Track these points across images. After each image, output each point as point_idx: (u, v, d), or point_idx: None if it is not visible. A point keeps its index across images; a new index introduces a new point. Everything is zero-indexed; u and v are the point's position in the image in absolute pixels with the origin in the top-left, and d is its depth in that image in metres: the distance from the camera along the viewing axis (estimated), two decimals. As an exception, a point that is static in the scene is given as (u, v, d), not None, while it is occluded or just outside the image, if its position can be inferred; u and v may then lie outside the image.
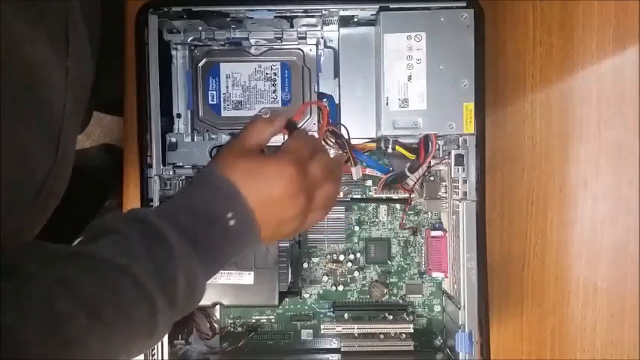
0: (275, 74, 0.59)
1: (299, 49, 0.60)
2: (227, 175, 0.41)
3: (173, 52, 0.61)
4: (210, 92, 0.60)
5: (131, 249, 0.36)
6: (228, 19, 0.57)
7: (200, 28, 0.58)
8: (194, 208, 0.40)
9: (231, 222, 0.40)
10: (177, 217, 0.39)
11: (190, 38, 0.59)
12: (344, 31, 0.60)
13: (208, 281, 0.40)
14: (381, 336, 0.62)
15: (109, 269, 0.35)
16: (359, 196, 0.64)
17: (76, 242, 0.36)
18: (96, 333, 0.32)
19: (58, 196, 0.41)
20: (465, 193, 0.55)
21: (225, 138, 0.61)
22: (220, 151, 0.45)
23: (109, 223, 0.38)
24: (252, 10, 0.55)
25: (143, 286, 0.35)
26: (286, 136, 0.48)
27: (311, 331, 0.64)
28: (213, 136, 0.60)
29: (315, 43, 0.60)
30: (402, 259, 0.64)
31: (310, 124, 0.60)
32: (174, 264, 0.37)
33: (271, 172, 0.42)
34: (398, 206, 0.64)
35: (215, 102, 0.60)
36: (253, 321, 0.64)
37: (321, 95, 0.60)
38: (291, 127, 0.49)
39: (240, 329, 0.64)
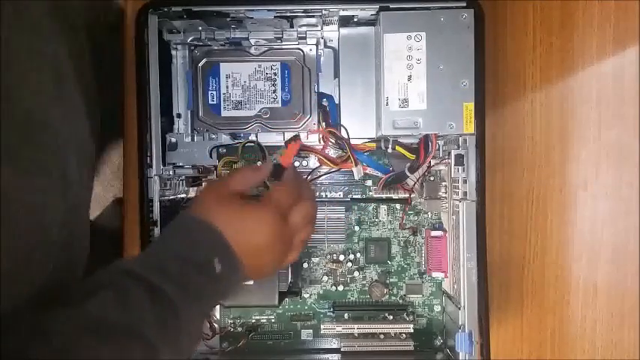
0: (275, 74, 0.59)
1: (299, 49, 0.60)
2: (210, 220, 0.42)
3: (173, 52, 0.61)
4: (210, 92, 0.60)
5: (130, 304, 0.36)
6: (228, 19, 0.57)
7: (200, 28, 0.58)
8: (180, 256, 0.40)
9: (218, 267, 0.41)
10: (165, 267, 0.39)
11: (190, 38, 0.59)
12: (344, 31, 0.60)
13: None
14: (381, 336, 0.62)
15: (116, 332, 0.34)
16: (359, 196, 0.64)
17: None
18: None
19: (76, 248, 0.42)
20: (465, 193, 0.55)
21: (225, 138, 0.61)
22: (201, 194, 0.46)
23: (100, 277, 0.38)
24: (252, 10, 0.55)
25: (152, 346, 0.35)
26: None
27: (311, 331, 0.64)
28: (213, 136, 0.61)
29: (315, 43, 0.60)
30: (402, 259, 0.64)
31: (310, 124, 0.60)
32: (176, 316, 0.38)
33: (254, 220, 0.43)
34: (398, 206, 0.64)
35: (215, 102, 0.60)
36: (253, 321, 0.64)
37: (321, 95, 0.60)
38: (277, 173, 0.50)
39: (240, 329, 0.64)
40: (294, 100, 0.60)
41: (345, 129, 0.59)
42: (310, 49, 0.60)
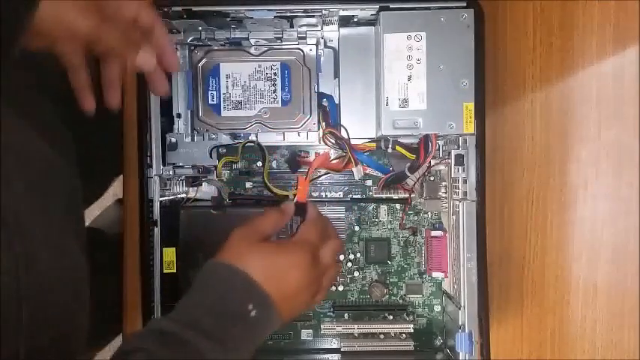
0: (275, 74, 0.59)
1: (299, 49, 0.60)
2: (243, 266, 0.42)
3: (173, 52, 0.61)
4: (210, 92, 0.60)
5: None
6: (228, 19, 0.57)
7: (200, 28, 0.58)
8: (214, 309, 0.40)
9: (253, 313, 0.41)
10: (199, 322, 0.39)
11: (190, 38, 0.59)
12: (344, 31, 0.60)
13: None
14: (381, 336, 0.62)
15: None
16: (359, 196, 0.64)
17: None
18: None
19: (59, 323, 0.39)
20: (465, 193, 0.55)
21: (225, 138, 0.61)
22: (230, 240, 0.45)
23: (133, 342, 0.38)
24: (252, 10, 0.54)
25: None
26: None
27: (311, 331, 0.64)
28: (213, 136, 0.61)
29: (315, 43, 0.60)
30: (402, 259, 0.64)
31: (310, 124, 0.60)
32: None
33: (287, 262, 0.44)
34: (398, 206, 0.64)
35: (215, 102, 0.60)
36: (253, 321, 0.64)
37: (321, 95, 0.60)
38: (299, 210, 0.51)
39: (240, 329, 0.64)
40: (294, 100, 0.60)
41: (345, 129, 0.59)
42: (310, 49, 0.60)
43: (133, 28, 0.45)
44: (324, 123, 0.60)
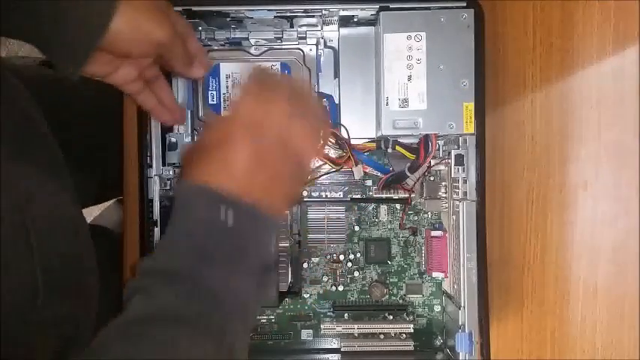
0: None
1: (299, 49, 0.60)
2: (193, 181, 0.39)
3: (173, 52, 0.61)
4: (210, 92, 0.60)
5: (154, 298, 0.36)
6: (228, 19, 0.57)
7: (200, 28, 0.58)
8: (188, 235, 0.38)
9: (230, 222, 0.37)
10: (175, 250, 0.38)
11: (190, 38, 0.59)
12: (344, 31, 0.60)
13: None
14: (381, 336, 0.62)
15: (165, 324, 0.34)
16: (359, 196, 0.64)
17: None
18: None
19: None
20: (465, 193, 0.55)
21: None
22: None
23: (131, 284, 0.38)
24: (252, 10, 0.55)
25: (195, 327, 0.35)
26: None
27: (311, 331, 0.64)
28: (213, 136, 0.60)
29: (315, 43, 0.60)
30: (402, 259, 0.64)
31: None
32: (205, 290, 0.36)
33: (224, 154, 0.40)
34: (398, 206, 0.64)
35: (215, 102, 0.60)
36: (253, 321, 0.64)
37: (321, 95, 0.60)
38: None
39: (240, 329, 0.64)
40: (294, 100, 0.59)
41: (346, 129, 0.59)
42: (310, 49, 0.60)
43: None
44: (324, 123, 0.60)
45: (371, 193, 0.64)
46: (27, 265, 0.38)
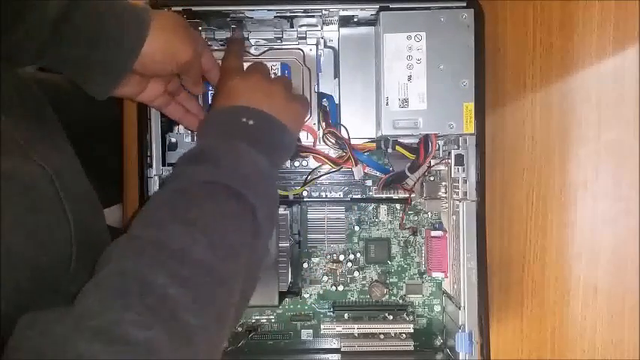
0: (275, 74, 0.59)
1: (299, 49, 0.60)
2: (225, 104, 0.49)
3: (173, 52, 0.61)
4: (210, 92, 0.60)
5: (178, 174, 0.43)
6: (228, 19, 0.57)
7: (200, 28, 0.58)
8: (219, 136, 0.47)
9: (250, 122, 0.47)
10: (205, 144, 0.47)
11: (190, 38, 0.59)
12: (344, 31, 0.60)
13: None
14: (381, 336, 0.62)
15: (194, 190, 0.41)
16: (359, 196, 0.64)
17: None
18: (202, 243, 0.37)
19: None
20: (465, 193, 0.55)
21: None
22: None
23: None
24: (252, 10, 0.55)
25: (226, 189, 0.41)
26: None
27: (311, 331, 0.64)
28: (213, 136, 0.60)
29: (315, 43, 0.60)
30: (402, 259, 0.64)
31: (310, 124, 0.60)
32: (230, 148, 0.44)
33: (249, 80, 0.51)
34: (398, 206, 0.64)
35: (215, 102, 0.60)
36: (253, 321, 0.64)
37: (321, 95, 0.60)
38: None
39: (240, 329, 0.64)
40: (294, 100, 0.59)
41: (346, 128, 0.59)
42: (310, 49, 0.60)
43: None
44: (324, 123, 0.60)
45: (371, 193, 0.64)
46: (66, 234, 0.40)
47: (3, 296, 0.34)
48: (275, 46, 0.60)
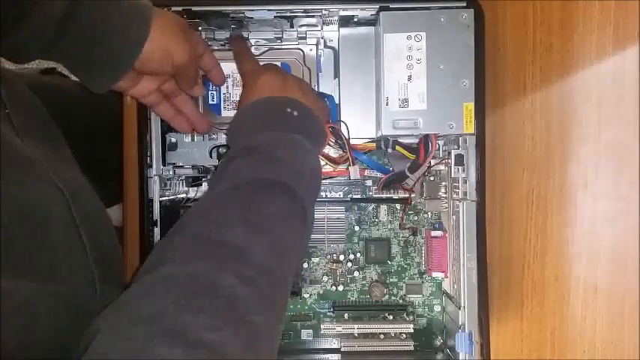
0: None
1: (299, 49, 0.60)
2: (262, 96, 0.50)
3: (173, 52, 0.61)
4: (210, 92, 0.60)
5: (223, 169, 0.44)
6: (228, 19, 0.57)
7: (200, 28, 0.58)
8: (266, 125, 0.48)
9: (295, 113, 0.48)
10: (249, 131, 0.48)
11: (190, 38, 0.59)
12: (344, 31, 0.60)
13: None
14: (381, 336, 0.62)
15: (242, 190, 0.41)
16: (359, 196, 0.64)
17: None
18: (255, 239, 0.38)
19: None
20: (465, 193, 0.55)
21: (225, 138, 0.61)
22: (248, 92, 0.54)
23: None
24: (252, 10, 0.55)
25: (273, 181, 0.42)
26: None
27: (311, 331, 0.64)
28: (213, 136, 0.60)
29: (315, 43, 0.60)
30: (402, 259, 0.64)
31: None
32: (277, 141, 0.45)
33: (280, 78, 0.53)
34: (398, 206, 0.64)
35: (215, 102, 0.60)
36: (253, 321, 0.64)
37: (321, 95, 0.60)
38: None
39: (240, 329, 0.64)
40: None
41: (346, 124, 0.59)
42: (310, 49, 0.60)
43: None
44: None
45: (371, 193, 0.64)
46: (84, 259, 0.41)
47: (38, 335, 0.35)
48: (275, 46, 0.60)
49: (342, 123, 0.59)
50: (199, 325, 0.31)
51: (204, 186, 0.61)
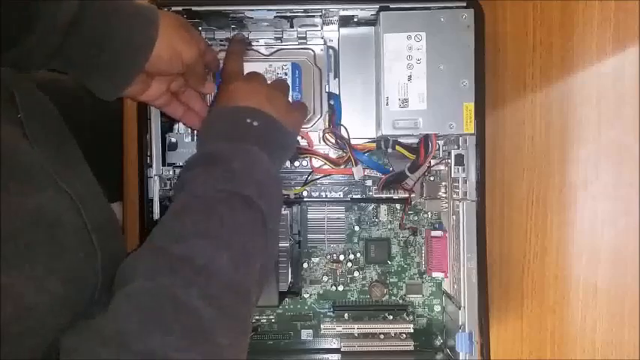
0: (286, 74, 0.59)
1: (310, 48, 0.60)
2: (228, 104, 0.50)
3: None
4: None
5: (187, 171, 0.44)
6: (229, 19, 0.57)
7: (200, 28, 0.58)
8: (223, 135, 0.48)
9: (255, 123, 0.48)
10: (210, 140, 0.48)
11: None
12: (344, 31, 0.60)
13: None
14: (381, 336, 0.62)
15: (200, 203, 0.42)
16: (359, 196, 0.64)
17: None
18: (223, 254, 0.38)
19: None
20: (465, 193, 0.55)
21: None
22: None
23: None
24: (252, 10, 0.55)
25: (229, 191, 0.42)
26: None
27: (311, 331, 0.64)
28: (214, 136, 0.60)
29: (323, 43, 0.60)
30: (402, 259, 0.64)
31: (320, 123, 0.60)
32: (238, 154, 0.45)
33: (249, 83, 0.53)
34: (398, 206, 0.64)
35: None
36: (253, 321, 0.64)
37: (329, 95, 0.60)
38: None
39: (240, 329, 0.64)
40: (305, 100, 0.59)
41: (346, 128, 0.59)
42: (321, 49, 0.60)
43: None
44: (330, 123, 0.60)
45: (371, 193, 0.64)
46: (95, 266, 0.41)
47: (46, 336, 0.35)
48: (286, 46, 0.60)
49: (342, 126, 0.59)
50: (167, 347, 0.32)
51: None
